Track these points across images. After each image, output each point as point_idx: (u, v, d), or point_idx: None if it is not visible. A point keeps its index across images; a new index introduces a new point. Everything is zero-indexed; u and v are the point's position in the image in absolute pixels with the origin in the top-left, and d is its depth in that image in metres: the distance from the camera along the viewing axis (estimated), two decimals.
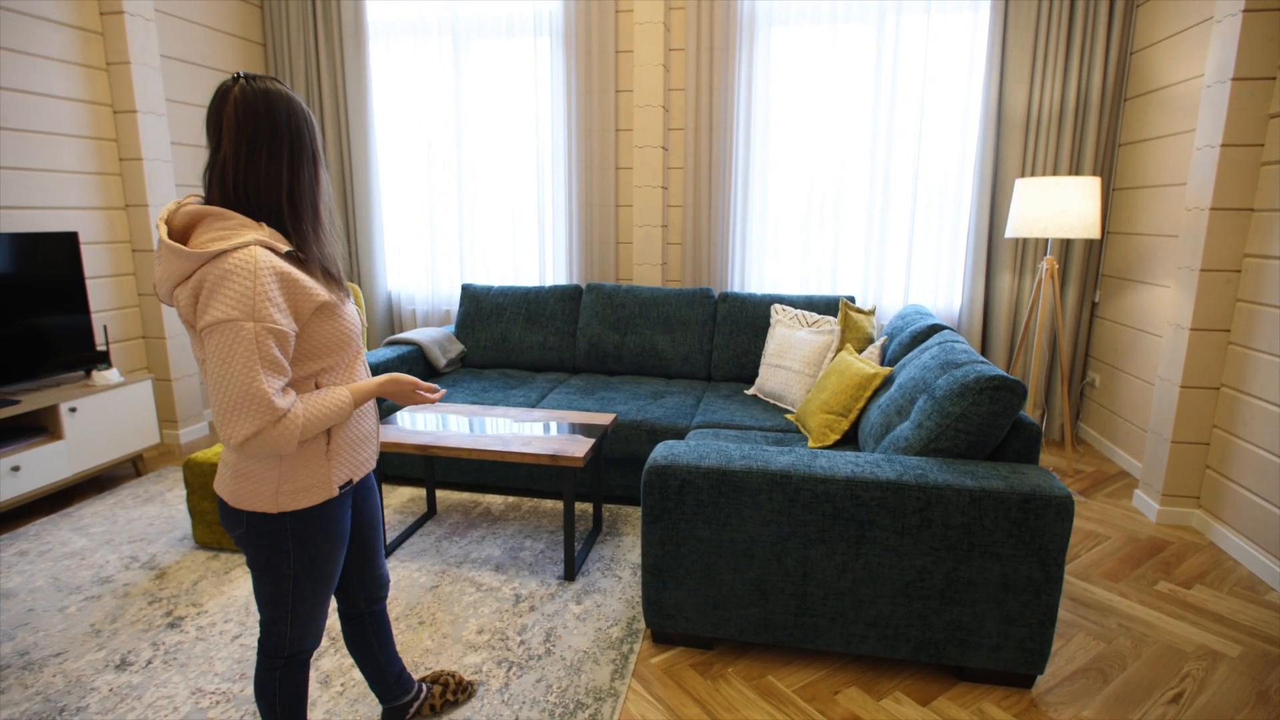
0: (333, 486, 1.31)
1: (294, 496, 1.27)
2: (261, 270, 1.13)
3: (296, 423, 1.18)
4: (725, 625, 1.99)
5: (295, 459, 1.27)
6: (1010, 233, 3.32)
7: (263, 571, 1.32)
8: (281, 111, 1.20)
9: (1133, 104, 3.53)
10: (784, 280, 4.15)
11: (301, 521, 1.29)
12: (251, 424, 1.13)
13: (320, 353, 1.27)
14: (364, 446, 1.39)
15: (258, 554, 1.30)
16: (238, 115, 1.16)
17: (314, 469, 1.29)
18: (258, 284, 1.13)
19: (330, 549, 1.35)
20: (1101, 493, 3.20)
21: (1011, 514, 1.75)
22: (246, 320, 1.11)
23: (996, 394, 1.85)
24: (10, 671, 1.97)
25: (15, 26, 3.05)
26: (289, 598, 1.34)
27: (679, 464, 1.91)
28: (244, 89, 1.17)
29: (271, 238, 1.20)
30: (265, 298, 1.13)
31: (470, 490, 3.22)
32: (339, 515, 1.35)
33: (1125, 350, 3.51)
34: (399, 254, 4.55)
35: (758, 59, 3.90)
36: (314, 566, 1.34)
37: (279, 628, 1.37)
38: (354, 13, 4.18)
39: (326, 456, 1.30)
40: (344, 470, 1.34)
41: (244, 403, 1.13)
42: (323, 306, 1.24)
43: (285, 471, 1.26)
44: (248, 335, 1.11)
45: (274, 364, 1.15)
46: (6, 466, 2.78)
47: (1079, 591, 2.39)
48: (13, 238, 2.92)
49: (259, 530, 1.28)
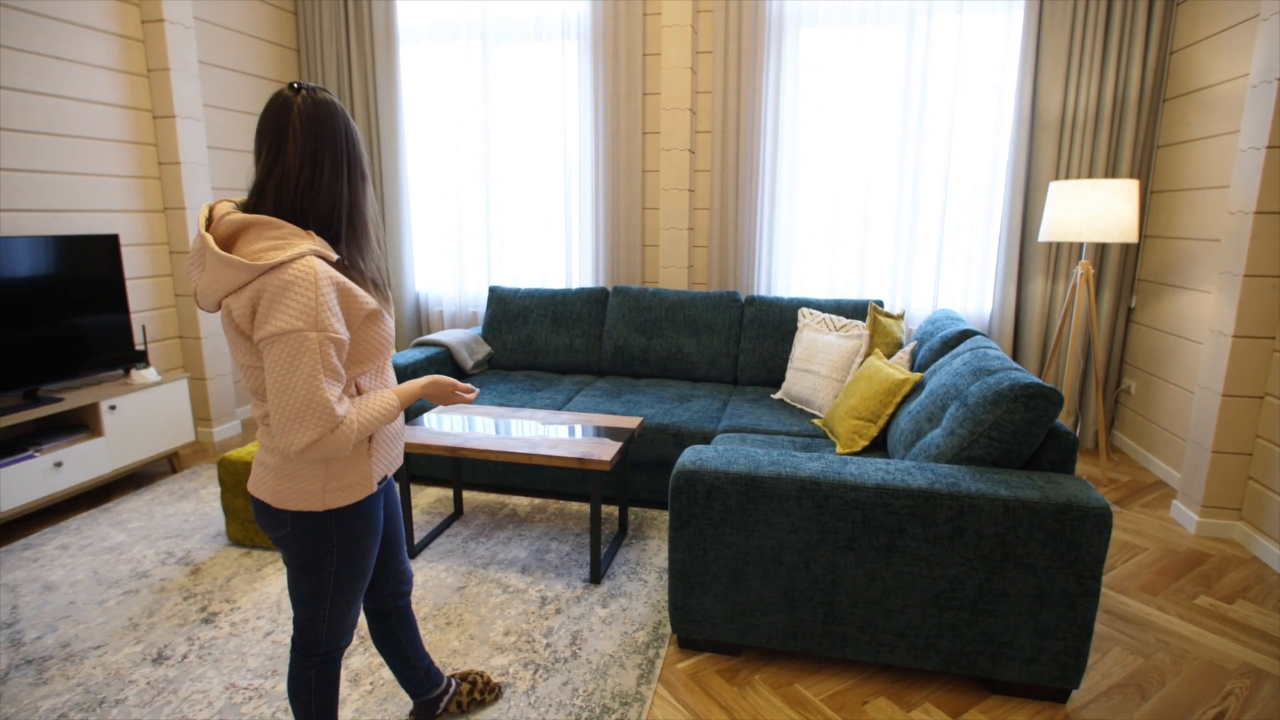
0: (373, 483, 1.35)
1: (340, 494, 1.30)
2: (321, 281, 1.15)
3: (352, 428, 1.21)
4: (752, 632, 1.98)
5: (342, 458, 1.31)
6: (1044, 237, 3.26)
7: (305, 569, 1.34)
8: (341, 125, 1.22)
9: (1172, 105, 3.45)
10: (811, 284, 4.12)
11: (346, 518, 1.33)
12: (313, 431, 1.15)
13: (363, 358, 1.30)
14: (397, 443, 1.44)
15: (303, 552, 1.32)
16: (304, 128, 1.18)
17: (358, 466, 1.32)
18: (319, 295, 1.14)
19: (370, 543, 1.39)
20: (1138, 502, 3.13)
21: (1047, 525, 1.71)
22: (310, 330, 1.13)
23: (1032, 402, 1.82)
24: (53, 662, 2.02)
25: (62, 35, 3.14)
26: (328, 594, 1.37)
27: (707, 469, 1.91)
28: (307, 100, 1.19)
29: (322, 246, 1.21)
30: (327, 308, 1.15)
31: (497, 491, 3.24)
32: (376, 510, 1.39)
33: (1163, 357, 3.43)
34: (427, 256, 4.60)
35: (786, 61, 3.88)
36: (354, 561, 1.37)
37: (315, 625, 1.39)
38: (385, 17, 4.24)
39: (369, 454, 1.34)
40: (381, 466, 1.38)
41: (307, 411, 1.14)
42: (371, 315, 1.27)
43: (333, 470, 1.30)
44: (312, 345, 1.13)
45: (334, 372, 1.18)
46: (50, 462, 2.86)
47: (1115, 604, 2.34)
48: (58, 240, 3.00)
49: (304, 529, 1.31)
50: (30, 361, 2.92)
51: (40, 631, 2.17)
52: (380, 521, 1.42)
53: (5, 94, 2.94)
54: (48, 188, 3.13)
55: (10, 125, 2.96)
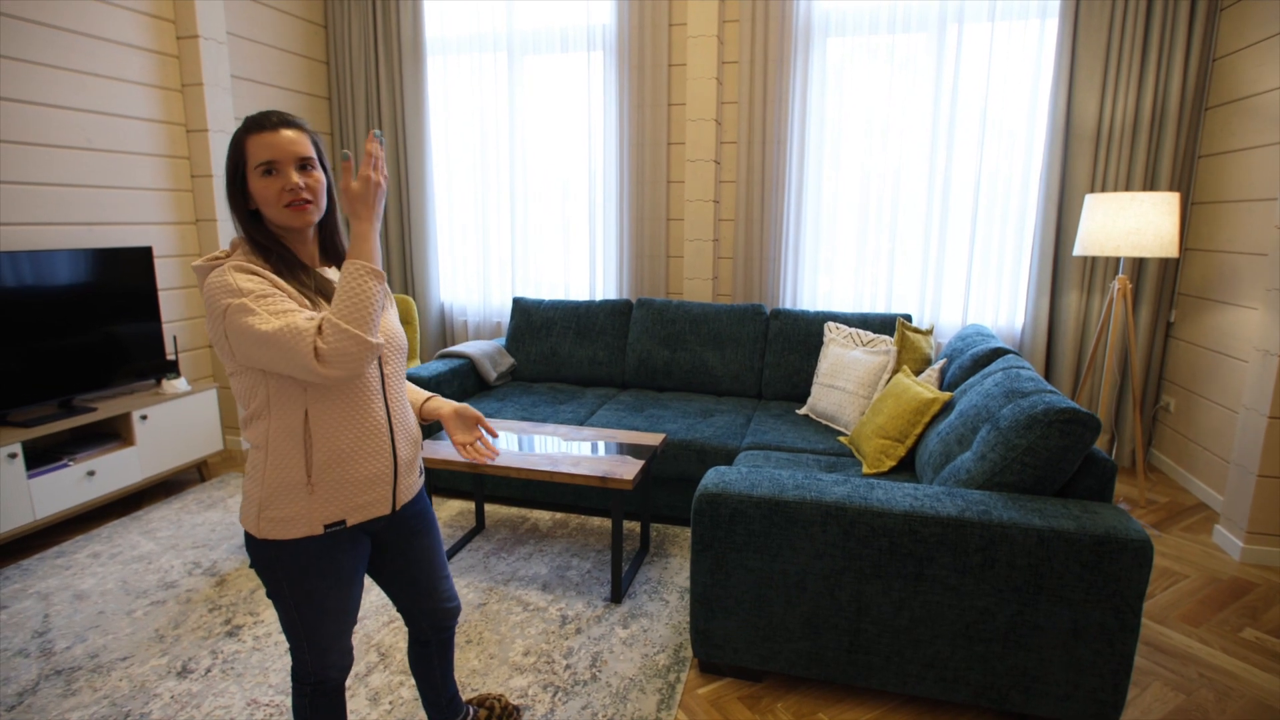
0: (316, 524, 1.26)
1: (274, 525, 1.25)
2: (226, 269, 1.18)
3: (330, 322, 1.13)
4: (775, 658, 1.94)
5: (276, 487, 1.23)
6: (1079, 250, 3.17)
7: (271, 596, 1.32)
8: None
9: (1215, 114, 3.34)
10: (837, 297, 4.06)
11: (287, 552, 1.26)
12: (303, 348, 1.11)
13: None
14: (365, 489, 1.30)
15: (262, 577, 1.30)
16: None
17: (293, 501, 1.24)
18: (223, 277, 1.16)
19: (325, 586, 1.30)
20: (1177, 526, 3.02)
21: (1083, 556, 1.65)
22: (232, 298, 1.14)
23: (1067, 427, 1.76)
24: (81, 673, 2.05)
25: (101, 53, 3.21)
26: (299, 627, 1.33)
27: (730, 492, 1.87)
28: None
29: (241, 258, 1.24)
30: (233, 281, 1.16)
31: (519, 505, 3.23)
32: (333, 554, 1.30)
33: (1204, 374, 3.31)
34: (452, 266, 4.63)
35: (813, 70, 3.84)
36: (311, 600, 1.30)
37: (299, 654, 1.37)
38: (413, 30, 4.28)
39: (308, 490, 1.24)
40: (332, 509, 1.27)
41: (284, 340, 1.11)
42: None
43: (266, 496, 1.24)
44: (235, 308, 1.13)
45: (275, 310, 1.13)
46: (83, 471, 2.92)
47: (1154, 635, 2.25)
48: (95, 253, 3.06)
49: (252, 552, 1.29)
50: (66, 371, 2.99)
51: (70, 641, 2.20)
52: (345, 568, 1.32)
53: (47, 111, 3.01)
54: (85, 201, 3.20)
55: (51, 141, 3.04)
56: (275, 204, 1.21)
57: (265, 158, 1.20)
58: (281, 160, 1.20)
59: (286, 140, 1.21)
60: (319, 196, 1.25)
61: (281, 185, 1.20)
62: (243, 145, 1.21)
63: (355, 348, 1.13)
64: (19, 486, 2.69)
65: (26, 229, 2.97)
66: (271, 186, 1.20)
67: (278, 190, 1.20)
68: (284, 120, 1.23)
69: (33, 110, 2.97)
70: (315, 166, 1.25)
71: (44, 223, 3.04)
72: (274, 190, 1.20)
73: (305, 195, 1.22)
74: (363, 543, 1.37)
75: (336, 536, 1.30)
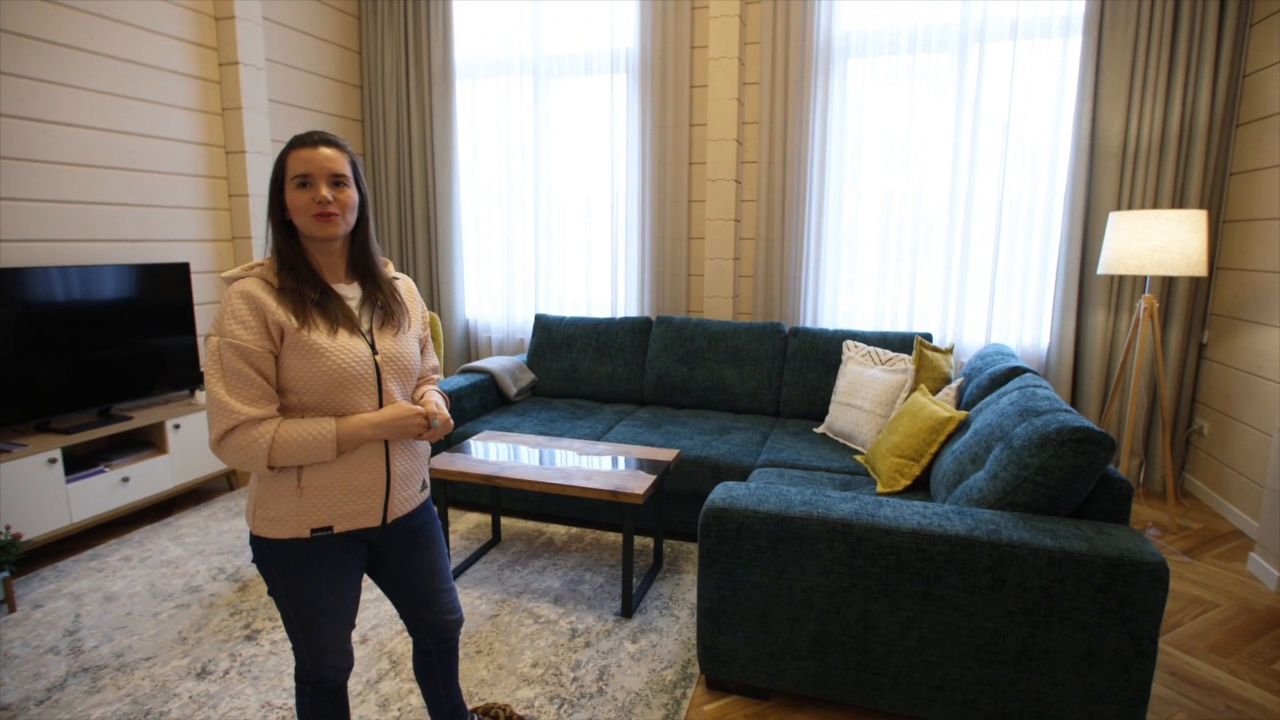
0: (303, 527, 1.31)
1: (267, 523, 1.31)
2: (232, 293, 1.27)
3: (264, 437, 1.23)
4: (782, 676, 1.92)
5: (270, 486, 1.30)
6: (1103, 269, 3.12)
7: (270, 593, 1.37)
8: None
9: (1246, 130, 3.27)
10: (858, 316, 4.05)
11: (277, 551, 1.32)
12: (216, 427, 1.23)
13: (290, 387, 1.28)
14: (352, 499, 1.34)
15: (261, 572, 1.37)
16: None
17: (284, 502, 1.30)
18: (227, 304, 1.26)
19: (313, 588, 1.34)
20: (1210, 553, 2.93)
21: (1095, 579, 1.62)
22: (214, 334, 1.25)
23: (1081, 447, 1.73)
24: (106, 671, 2.12)
25: (147, 79, 3.38)
26: (294, 625, 1.37)
27: (737, 507, 1.88)
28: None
29: (264, 270, 1.33)
30: (230, 315, 1.24)
31: (535, 519, 3.26)
32: (321, 558, 1.34)
33: (1239, 396, 3.22)
34: (477, 284, 4.72)
35: (834, 91, 3.86)
36: (302, 600, 1.35)
37: (299, 654, 1.41)
38: (443, 55, 4.41)
39: (298, 494, 1.30)
40: (319, 514, 1.31)
41: (212, 406, 1.23)
42: (298, 342, 1.27)
43: (261, 495, 1.31)
44: (212, 347, 1.25)
45: (237, 375, 1.23)
46: (118, 478, 3.03)
47: (1180, 665, 2.18)
48: (137, 268, 3.21)
49: (252, 547, 1.35)
50: (106, 381, 3.11)
51: (98, 640, 2.28)
52: (332, 571, 1.35)
53: (95, 134, 3.18)
54: (129, 219, 3.35)
55: (99, 162, 3.20)
56: (304, 213, 1.29)
57: (301, 171, 1.29)
58: (315, 174, 1.29)
59: (323, 157, 1.30)
60: (346, 211, 1.33)
61: (312, 197, 1.28)
62: (284, 160, 1.31)
63: (246, 466, 1.26)
64: (58, 491, 2.81)
65: (77, 245, 3.13)
66: (303, 197, 1.29)
67: (307, 201, 1.29)
68: (325, 139, 1.32)
69: (82, 133, 3.13)
70: (348, 184, 1.33)
71: (92, 239, 3.19)
72: (304, 201, 1.29)
73: (332, 208, 1.29)
74: (356, 550, 1.40)
75: (324, 541, 1.34)
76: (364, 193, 1.37)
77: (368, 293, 1.39)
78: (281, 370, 1.27)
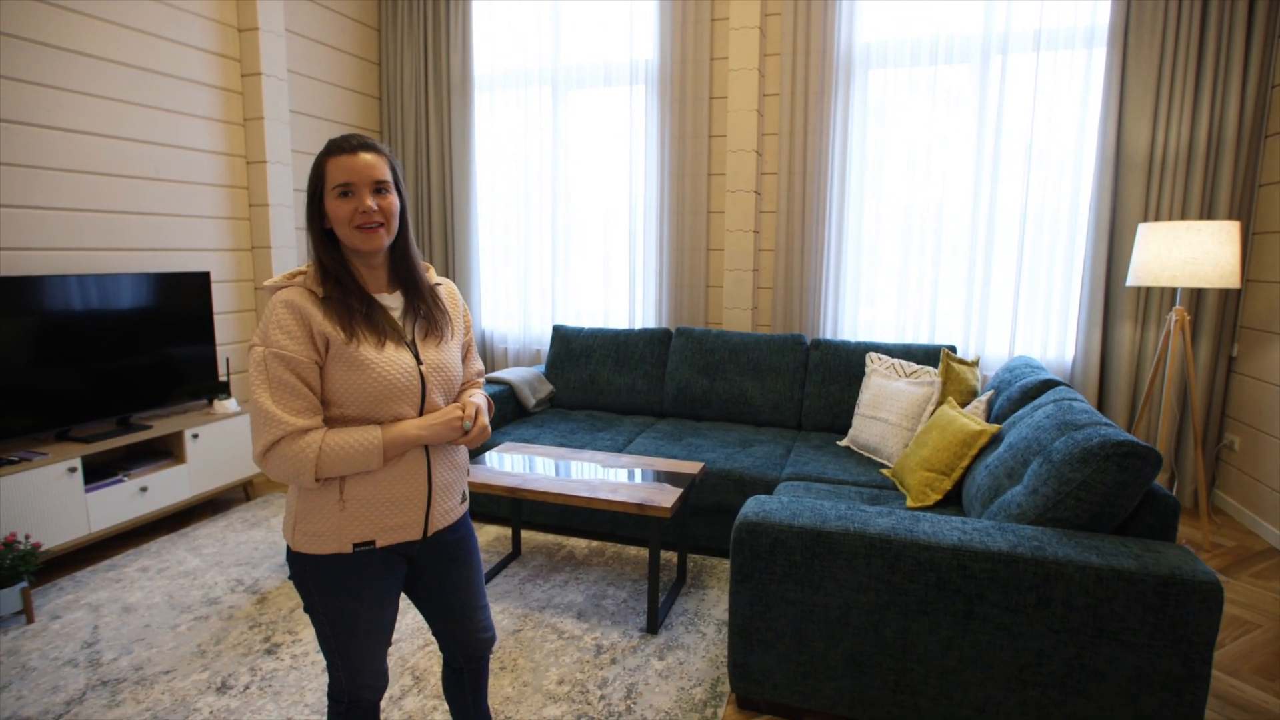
0: (345, 542, 1.28)
1: (308, 539, 1.28)
2: (277, 302, 1.24)
3: (312, 447, 1.20)
4: (816, 696, 1.87)
5: (311, 500, 1.27)
6: (1132, 281, 3.07)
7: (307, 611, 1.33)
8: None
9: (1275, 141, 3.23)
10: (879, 328, 4.01)
11: (317, 567, 1.29)
12: (262, 439, 1.19)
13: (334, 399, 1.26)
14: (395, 511, 1.30)
15: (298, 590, 1.32)
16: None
17: (325, 516, 1.27)
18: (272, 312, 1.22)
19: (355, 604, 1.31)
20: (1246, 572, 2.86)
21: (1146, 598, 1.57)
22: (259, 344, 1.22)
23: (1125, 461, 1.68)
24: (126, 685, 2.09)
25: (172, 90, 3.40)
26: (332, 644, 1.34)
27: (771, 522, 1.84)
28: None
29: (306, 279, 1.31)
30: (276, 325, 1.22)
31: (555, 532, 3.22)
32: (363, 575, 1.31)
33: (1270, 411, 3.16)
34: (494, 294, 4.71)
35: (854, 102, 3.84)
36: (341, 618, 1.31)
37: (333, 672, 1.37)
38: (462, 67, 4.43)
39: (340, 507, 1.27)
40: (361, 529, 1.28)
41: (257, 417, 1.20)
42: (343, 355, 1.24)
43: (302, 510, 1.28)
44: (257, 357, 1.22)
45: (283, 385, 1.20)
46: (136, 487, 3.01)
47: (1224, 688, 2.11)
48: (157, 277, 3.20)
49: (290, 563, 1.32)
50: (125, 390, 3.10)
51: (117, 653, 2.25)
52: (373, 588, 1.32)
53: (119, 143, 3.19)
54: (150, 228, 3.35)
55: (123, 171, 3.21)
56: (347, 225, 1.25)
57: (342, 180, 1.24)
58: (358, 183, 1.25)
59: (364, 164, 1.25)
60: (391, 219, 1.29)
61: (355, 207, 1.24)
62: (323, 167, 1.26)
63: (293, 479, 1.22)
64: (77, 500, 2.79)
65: (99, 254, 3.13)
66: (345, 208, 1.25)
67: (350, 211, 1.25)
68: (363, 144, 1.27)
69: (106, 143, 3.15)
70: (390, 190, 1.29)
71: (114, 248, 3.19)
72: (347, 211, 1.25)
73: (377, 218, 1.26)
74: (397, 565, 1.37)
75: (366, 557, 1.31)
76: (404, 197, 1.34)
77: (410, 301, 1.36)
78: (326, 382, 1.24)
